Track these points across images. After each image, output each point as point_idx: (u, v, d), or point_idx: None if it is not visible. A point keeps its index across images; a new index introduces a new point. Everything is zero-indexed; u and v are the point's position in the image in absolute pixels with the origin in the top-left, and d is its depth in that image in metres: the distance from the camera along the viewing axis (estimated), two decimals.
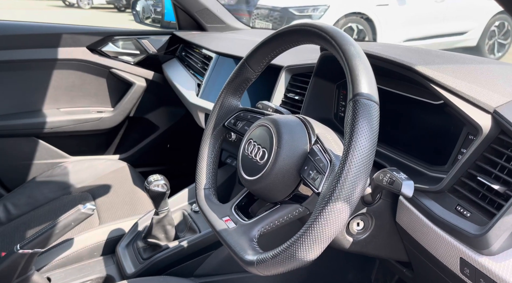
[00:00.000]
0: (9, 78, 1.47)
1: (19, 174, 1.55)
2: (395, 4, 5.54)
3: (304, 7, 5.62)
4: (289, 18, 5.65)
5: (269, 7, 6.04)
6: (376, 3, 5.50)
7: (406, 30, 5.59)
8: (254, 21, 6.33)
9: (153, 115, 1.74)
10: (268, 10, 6.02)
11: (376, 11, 5.48)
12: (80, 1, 13.82)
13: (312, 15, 5.53)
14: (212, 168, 0.81)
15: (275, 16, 5.87)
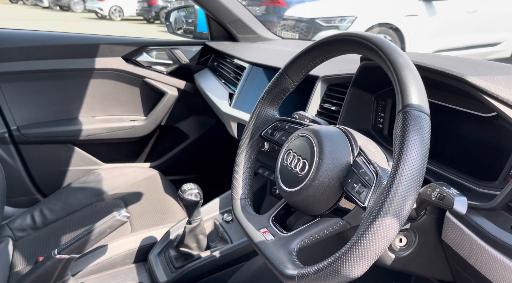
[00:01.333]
0: (49, 87, 1.52)
1: (55, 180, 1.60)
2: (424, 14, 5.44)
3: (331, 18, 5.60)
4: (316, 29, 5.65)
5: (296, 18, 6.06)
6: (405, 13, 5.43)
7: (436, 41, 5.48)
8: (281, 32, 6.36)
9: (184, 124, 1.76)
10: (295, 21, 6.04)
11: (405, 21, 5.40)
12: (111, 13, 14.31)
13: (339, 26, 5.51)
14: (248, 178, 0.80)
15: (302, 27, 5.88)
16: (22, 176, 1.55)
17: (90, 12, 15.01)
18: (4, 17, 12.13)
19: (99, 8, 14.30)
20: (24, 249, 1.23)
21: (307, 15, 5.87)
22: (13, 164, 1.51)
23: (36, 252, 1.21)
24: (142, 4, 13.60)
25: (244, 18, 1.60)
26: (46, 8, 16.55)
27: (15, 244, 1.26)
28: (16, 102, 1.48)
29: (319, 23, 5.63)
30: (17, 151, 1.52)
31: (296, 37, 5.85)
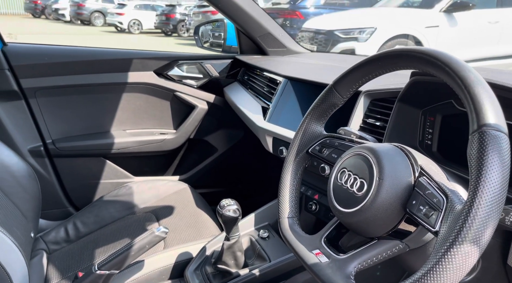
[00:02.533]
0: (83, 101, 1.54)
1: (87, 193, 1.61)
2: (445, 25, 5.39)
3: (350, 30, 5.60)
4: (334, 40, 5.65)
5: (314, 29, 6.07)
6: (425, 24, 5.38)
7: (457, 52, 5.41)
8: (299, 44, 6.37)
9: (213, 137, 1.76)
10: (313, 33, 6.05)
11: (426, 33, 5.36)
12: (130, 27, 14.64)
13: (358, 38, 5.49)
14: (295, 196, 0.79)
15: (320, 39, 5.89)
16: (56, 189, 1.56)
17: (110, 25, 15.40)
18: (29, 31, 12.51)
19: (119, 22, 14.66)
20: (58, 262, 1.23)
21: (325, 27, 5.88)
22: (47, 177, 1.53)
23: (71, 266, 1.21)
24: (160, 17, 13.89)
25: (274, 31, 1.60)
26: (68, 22, 17.03)
27: (49, 257, 1.26)
28: (52, 116, 1.51)
29: (337, 34, 5.62)
30: (52, 164, 1.54)
31: (314, 49, 5.86)
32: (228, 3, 1.45)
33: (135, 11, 14.88)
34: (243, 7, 1.49)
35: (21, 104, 1.44)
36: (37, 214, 1.33)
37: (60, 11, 17.19)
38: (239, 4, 1.47)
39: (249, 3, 1.50)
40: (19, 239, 1.13)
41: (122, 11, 14.79)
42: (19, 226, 1.17)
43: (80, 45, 1.61)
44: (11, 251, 0.93)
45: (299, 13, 7.56)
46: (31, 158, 1.48)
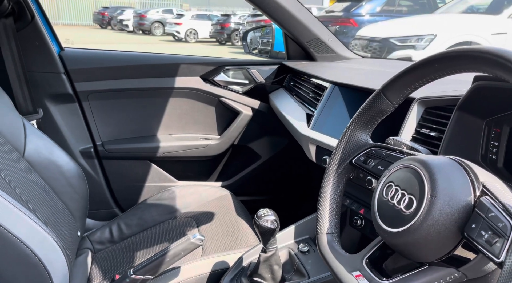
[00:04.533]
0: (131, 105, 1.58)
1: (132, 195, 1.64)
2: None
3: (407, 37, 5.36)
4: (390, 48, 5.43)
5: (368, 37, 5.89)
6: (492, 31, 5.01)
7: None
8: None
9: (256, 144, 1.73)
10: (367, 40, 5.87)
11: (492, 40, 4.98)
12: (187, 36, 15.21)
13: (416, 45, 5.24)
14: (335, 210, 0.72)
15: (374, 46, 5.70)
16: (103, 190, 1.61)
17: (168, 35, 16.10)
18: (96, 41, 13.44)
19: (176, 31, 15.29)
20: (101, 262, 1.25)
21: (380, 34, 5.68)
22: (96, 178, 1.58)
23: (112, 266, 1.22)
24: (215, 27, 14.28)
25: (323, 36, 1.55)
26: (131, 32, 18.06)
27: (93, 257, 1.29)
28: (102, 119, 1.56)
29: (393, 42, 5.41)
30: (101, 166, 1.59)
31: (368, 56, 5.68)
32: (276, 8, 1.42)
33: (191, 21, 15.45)
34: (291, 11, 1.45)
35: (75, 107, 1.50)
36: (84, 214, 1.37)
37: (124, 22, 18.29)
38: (287, 8, 1.43)
39: (297, 7, 1.46)
40: (66, 237, 1.16)
41: (179, 21, 15.41)
42: (66, 224, 1.21)
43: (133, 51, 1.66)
44: (52, 250, 0.95)
45: (353, 20, 7.40)
46: (81, 159, 1.54)
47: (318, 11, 12.39)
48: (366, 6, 7.79)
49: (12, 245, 0.85)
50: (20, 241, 0.86)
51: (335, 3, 8.64)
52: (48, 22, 1.43)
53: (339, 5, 8.06)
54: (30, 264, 0.88)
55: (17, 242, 0.85)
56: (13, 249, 0.85)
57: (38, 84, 1.40)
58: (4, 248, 0.84)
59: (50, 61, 1.41)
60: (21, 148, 1.16)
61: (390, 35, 5.52)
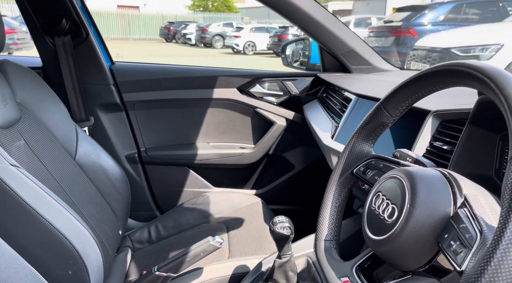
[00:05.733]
0: (173, 114, 1.70)
1: (171, 199, 1.75)
2: None
3: (470, 47, 5.06)
4: (451, 59, 5.16)
5: (428, 47, 5.66)
6: None
7: None
8: (410, 63, 6.00)
9: (290, 154, 1.76)
10: (426, 51, 5.64)
11: None
12: (245, 48, 15.63)
13: (480, 56, 4.93)
14: (335, 218, 0.74)
15: (434, 57, 5.45)
16: (145, 193, 1.73)
17: (228, 47, 16.65)
18: (159, 54, 14.29)
19: (235, 44, 15.77)
20: (139, 260, 1.36)
21: (441, 44, 5.43)
22: (139, 182, 1.71)
23: (148, 265, 1.31)
24: (273, 39, 14.51)
25: (358, 48, 1.55)
26: (193, 45, 18.94)
27: (133, 255, 1.40)
28: (146, 127, 1.69)
29: (454, 52, 5.13)
30: (143, 170, 1.72)
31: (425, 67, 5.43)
32: (310, 22, 1.46)
33: (250, 34, 15.86)
34: (325, 24, 1.47)
35: (122, 116, 1.65)
36: (126, 214, 1.49)
37: (187, 36, 19.25)
38: (320, 22, 1.46)
39: (331, 20, 1.48)
40: (107, 234, 1.28)
41: (239, 34, 15.89)
42: (109, 223, 1.33)
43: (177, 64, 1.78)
44: (89, 244, 1.06)
45: (413, 30, 7.15)
46: (127, 164, 1.67)
47: (377, 21, 12.12)
48: (429, 15, 7.49)
49: (54, 237, 0.96)
50: (61, 234, 0.97)
51: (394, 13, 8.41)
52: (101, 39, 1.60)
53: (399, 15, 7.82)
54: (69, 255, 0.99)
55: (58, 234, 0.97)
56: (55, 240, 0.97)
57: (90, 95, 1.56)
58: (47, 239, 0.96)
59: (102, 74, 1.56)
60: (73, 151, 1.31)
61: (452, 45, 5.25)
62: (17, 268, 0.72)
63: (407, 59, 6.20)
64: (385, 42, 7.41)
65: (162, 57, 13.08)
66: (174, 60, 12.05)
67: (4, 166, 0.90)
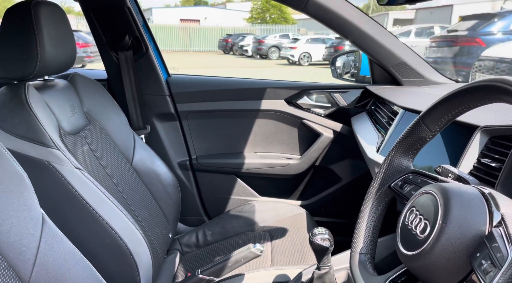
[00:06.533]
0: (222, 124, 1.77)
1: (218, 205, 1.81)
2: None
3: None
4: None
5: (496, 58, 5.31)
6: None
7: None
8: (475, 74, 5.66)
9: (337, 166, 1.75)
10: (494, 61, 5.29)
11: None
12: (301, 59, 15.66)
13: None
14: (372, 232, 0.74)
15: (503, 68, 5.10)
16: (195, 199, 1.81)
17: (283, 58, 16.79)
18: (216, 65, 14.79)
19: (291, 55, 15.87)
20: (186, 263, 1.42)
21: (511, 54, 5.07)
22: (189, 188, 1.79)
23: (194, 268, 1.37)
24: (329, 49, 14.40)
25: (410, 61, 1.52)
26: (250, 56, 19.36)
27: (181, 258, 1.47)
28: (198, 136, 1.78)
29: None
30: (194, 177, 1.80)
31: None
32: (358, 34, 1.46)
33: (306, 45, 15.89)
34: (374, 36, 1.46)
35: (176, 125, 1.75)
36: (176, 218, 1.58)
37: (244, 48, 19.72)
38: (369, 34, 1.46)
39: (381, 32, 1.47)
40: (158, 236, 1.36)
41: (295, 45, 15.99)
42: (160, 225, 1.41)
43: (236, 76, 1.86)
44: (140, 244, 1.14)
45: (480, 40, 6.74)
46: (179, 170, 1.77)
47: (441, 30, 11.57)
48: (498, 23, 7.02)
49: (109, 235, 1.05)
50: (115, 233, 1.06)
51: (459, 22, 7.99)
52: (159, 53, 1.72)
53: (464, 24, 7.42)
54: (121, 254, 1.08)
55: (113, 233, 1.06)
56: (109, 239, 1.06)
57: (148, 105, 1.68)
58: (102, 237, 1.05)
59: (159, 85, 1.68)
60: (130, 157, 1.41)
61: None
62: (76, 261, 0.80)
63: (471, 70, 5.87)
64: (448, 52, 7.06)
65: (218, 68, 13.52)
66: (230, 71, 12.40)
67: (70, 169, 1.01)
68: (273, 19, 33.10)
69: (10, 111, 0.97)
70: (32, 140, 0.97)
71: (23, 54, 1.00)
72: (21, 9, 1.01)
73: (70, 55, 1.17)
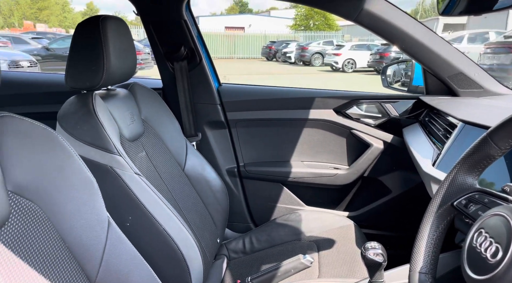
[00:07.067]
0: (270, 133, 1.79)
1: (265, 213, 1.82)
2: None
3: None
4: None
5: None
6: None
7: None
8: None
9: (387, 178, 1.70)
10: None
11: None
12: (345, 66, 15.44)
13: None
14: (432, 251, 0.72)
15: None
16: (242, 205, 1.84)
17: (327, 65, 16.64)
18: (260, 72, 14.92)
19: (334, 61, 15.69)
20: (233, 269, 1.45)
21: None
22: (236, 194, 1.82)
23: (242, 275, 1.40)
24: (374, 56, 14.09)
25: (468, 71, 1.45)
26: (293, 63, 19.36)
27: (228, 263, 1.49)
28: (246, 144, 1.81)
29: None
30: (241, 184, 1.83)
31: None
32: (412, 43, 1.42)
33: (350, 51, 15.65)
34: (430, 46, 1.42)
35: (225, 133, 1.79)
36: (224, 224, 1.61)
37: (287, 54, 19.77)
38: (424, 43, 1.41)
39: (436, 40, 1.42)
40: (207, 241, 1.40)
41: (338, 51, 15.80)
42: (209, 231, 1.45)
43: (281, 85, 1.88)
44: (192, 249, 1.17)
45: None
46: (227, 177, 1.80)
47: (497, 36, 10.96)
48: None
49: (164, 239, 1.10)
50: (170, 237, 1.11)
51: None
52: (211, 63, 1.77)
53: None
54: (175, 257, 1.12)
55: (168, 237, 1.10)
56: (165, 242, 1.10)
57: (199, 113, 1.74)
58: (158, 241, 1.10)
59: (211, 94, 1.73)
60: (182, 163, 1.47)
61: None
62: (137, 264, 0.84)
63: None
64: (505, 59, 6.67)
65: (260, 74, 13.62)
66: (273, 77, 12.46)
67: (130, 174, 1.07)
68: (317, 25, 32.93)
69: (80, 119, 1.04)
70: (98, 146, 1.04)
71: (92, 65, 1.07)
72: (91, 24, 1.09)
73: (131, 66, 1.24)
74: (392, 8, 1.36)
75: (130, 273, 0.82)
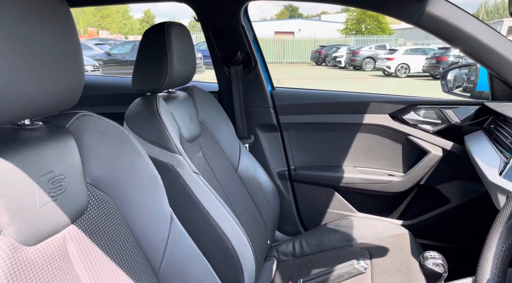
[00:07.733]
0: (322, 137, 1.78)
1: (314, 217, 1.82)
2: None
3: None
4: None
5: None
6: None
7: None
8: None
9: (446, 187, 1.63)
10: None
11: None
12: (397, 71, 14.93)
13: None
14: (500, 263, 0.68)
15: None
16: (292, 209, 1.85)
17: (378, 70, 16.18)
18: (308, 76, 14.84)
19: (387, 66, 15.23)
20: (283, 271, 1.46)
21: None
22: (287, 197, 1.83)
23: (292, 277, 1.40)
24: (430, 61, 13.51)
25: None
26: (343, 68, 19.04)
27: (278, 265, 1.51)
28: (297, 147, 1.81)
29: None
30: (292, 187, 1.83)
31: None
32: (479, 47, 1.35)
33: (404, 56, 15.11)
34: (498, 49, 1.34)
35: (277, 136, 1.81)
36: (274, 226, 1.63)
37: (337, 59, 19.47)
38: (492, 46, 1.34)
39: (504, 43, 1.34)
40: (258, 242, 1.43)
41: (391, 56, 15.31)
42: (260, 231, 1.47)
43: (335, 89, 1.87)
44: (246, 248, 1.20)
45: None
46: (277, 180, 1.82)
47: None
48: None
49: (219, 237, 1.14)
50: (225, 235, 1.14)
51: None
52: (266, 67, 1.80)
53: None
54: (229, 255, 1.15)
55: (223, 235, 1.14)
56: (220, 240, 1.14)
57: (253, 116, 1.77)
58: (214, 238, 1.14)
59: (264, 98, 1.76)
60: (236, 164, 1.51)
61: None
62: (196, 258, 0.88)
63: None
64: None
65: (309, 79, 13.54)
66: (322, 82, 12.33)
67: (189, 173, 1.12)
68: (369, 29, 32.13)
69: (145, 120, 1.11)
70: (161, 145, 1.10)
71: (156, 69, 1.14)
72: (157, 30, 1.15)
73: (191, 70, 1.30)
74: (456, 10, 1.31)
75: (190, 267, 0.86)
